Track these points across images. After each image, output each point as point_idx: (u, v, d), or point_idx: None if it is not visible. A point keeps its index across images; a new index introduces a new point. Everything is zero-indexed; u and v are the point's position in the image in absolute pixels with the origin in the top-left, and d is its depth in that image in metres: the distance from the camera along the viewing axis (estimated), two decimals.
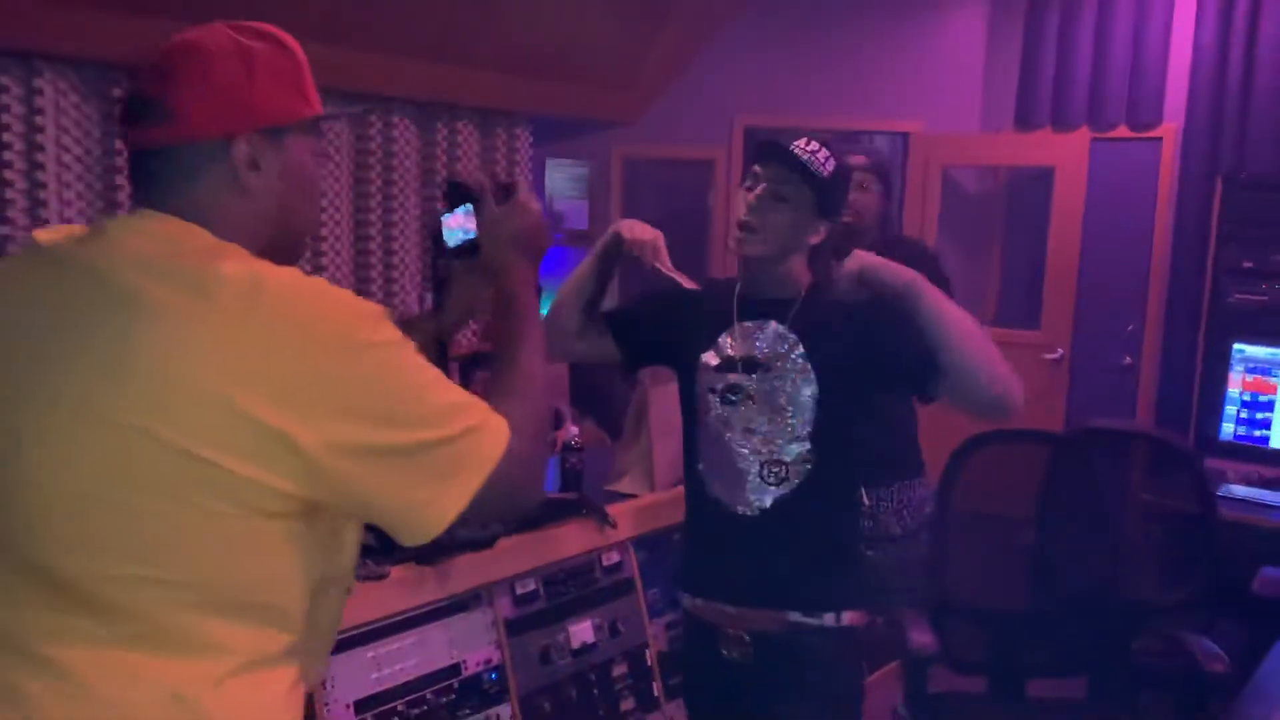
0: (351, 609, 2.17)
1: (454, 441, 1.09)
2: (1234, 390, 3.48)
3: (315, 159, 1.23)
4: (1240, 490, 3.20)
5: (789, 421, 1.92)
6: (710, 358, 2.03)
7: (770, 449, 1.93)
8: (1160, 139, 5.00)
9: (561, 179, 5.73)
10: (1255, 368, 3.44)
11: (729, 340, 2.01)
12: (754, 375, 1.95)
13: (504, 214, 1.41)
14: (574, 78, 5.09)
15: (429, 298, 5.14)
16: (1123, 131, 5.07)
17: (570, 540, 2.56)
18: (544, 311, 1.51)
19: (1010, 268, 5.62)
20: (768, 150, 1.91)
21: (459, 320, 1.60)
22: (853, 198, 2.95)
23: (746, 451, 1.96)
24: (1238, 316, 4.48)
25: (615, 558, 2.66)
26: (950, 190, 5.54)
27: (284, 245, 1.20)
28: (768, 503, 1.93)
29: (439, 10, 4.30)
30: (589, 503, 2.64)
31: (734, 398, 1.97)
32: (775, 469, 1.92)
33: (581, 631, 2.55)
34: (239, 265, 1.06)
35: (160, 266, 1.05)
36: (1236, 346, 3.51)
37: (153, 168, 1.14)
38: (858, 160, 3.05)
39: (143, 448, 1.01)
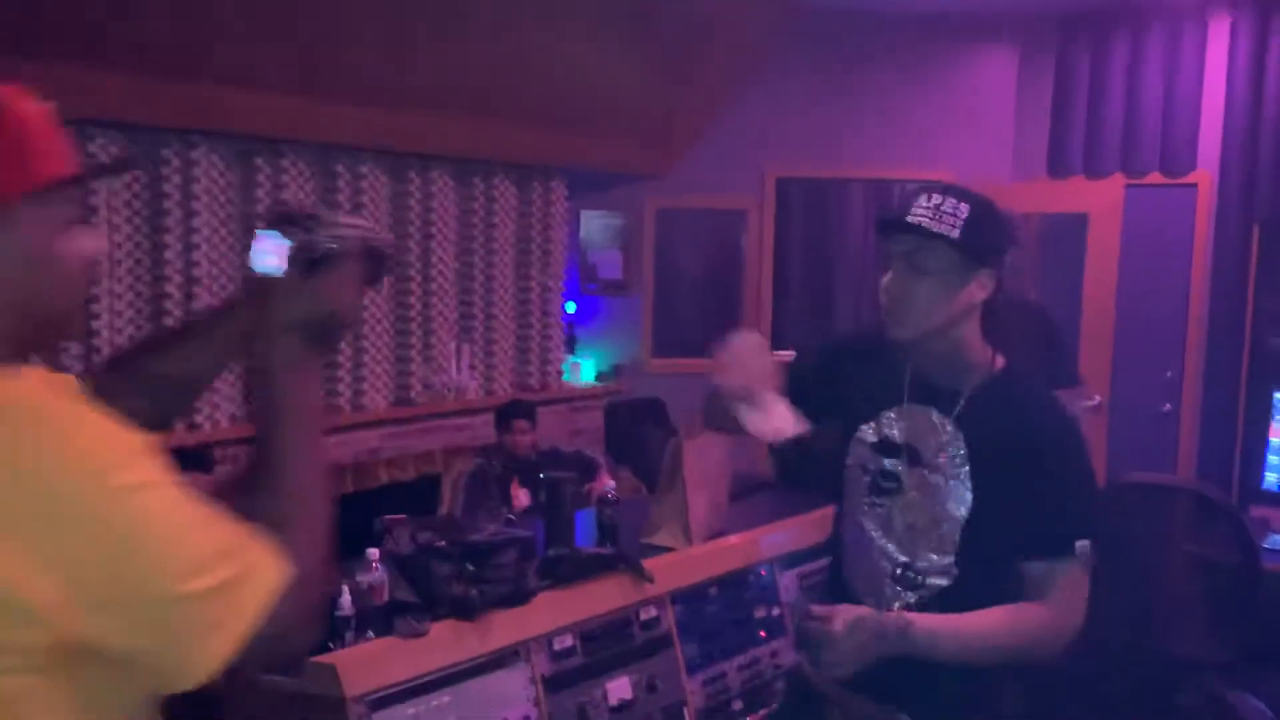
0: (392, 666, 2.20)
1: (214, 594, 0.96)
2: (1276, 439, 3.44)
3: (64, 230, 1.03)
4: None
5: (939, 532, 1.72)
6: (868, 433, 1.81)
7: (913, 554, 1.74)
8: (1195, 185, 4.99)
9: (596, 230, 5.80)
10: None
11: (893, 418, 1.79)
12: (916, 469, 1.74)
13: (310, 287, 1.14)
14: (607, 132, 5.18)
15: (466, 348, 5.18)
16: (1156, 178, 5.07)
17: (607, 595, 2.57)
18: None
19: None
20: (887, 227, 1.71)
21: (216, 364, 1.32)
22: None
23: (891, 548, 1.77)
24: (1279, 361, 4.45)
25: (653, 612, 2.66)
26: None
27: (40, 337, 1.05)
28: (896, 608, 1.73)
29: (475, 69, 4.41)
30: (625, 557, 2.65)
31: (889, 486, 1.77)
32: (913, 576, 1.74)
33: (619, 688, 2.55)
34: None
35: None
36: (1278, 395, 3.47)
37: None
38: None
39: None
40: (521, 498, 4.20)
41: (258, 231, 1.16)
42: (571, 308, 5.65)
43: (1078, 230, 5.23)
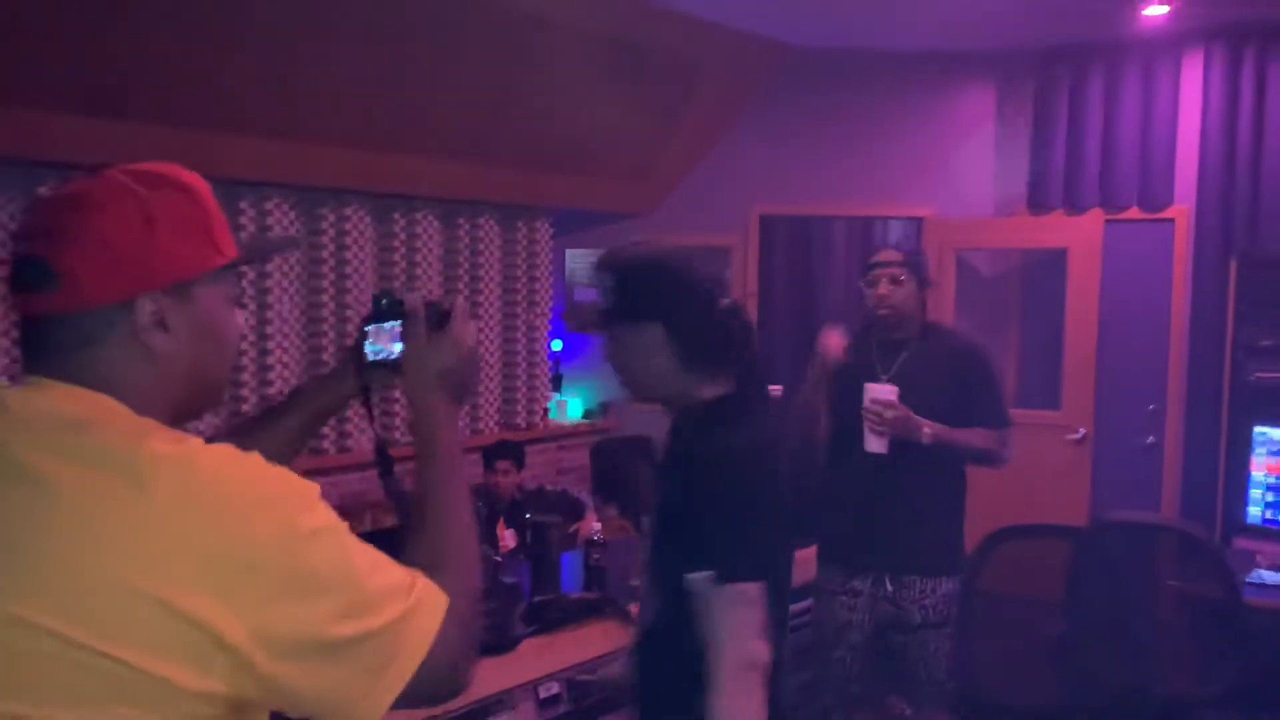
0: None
1: (388, 630, 1.00)
2: (1258, 474, 3.45)
3: (229, 307, 1.12)
4: (1270, 576, 3.16)
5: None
6: None
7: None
8: (1173, 220, 5.05)
9: (581, 269, 5.82)
10: (1279, 450, 3.42)
11: None
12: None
13: (433, 344, 1.26)
14: (592, 172, 5.21)
15: None
16: (1135, 213, 5.12)
17: (593, 641, 2.56)
18: None
19: (1029, 348, 5.63)
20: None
21: (288, 450, 1.42)
22: (886, 291, 3.02)
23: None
24: (1259, 395, 4.48)
25: None
26: (966, 273, 5.59)
27: (198, 404, 1.12)
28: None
29: (461, 112, 4.44)
30: (611, 601, 2.64)
31: None
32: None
33: None
34: (167, 446, 0.96)
35: (70, 445, 0.95)
36: (1258, 430, 3.50)
37: (45, 336, 1.01)
38: (890, 255, 3.11)
39: (28, 640, 0.90)
40: (508, 539, 4.18)
41: (366, 329, 1.32)
42: (558, 346, 5.66)
43: (1058, 265, 5.28)
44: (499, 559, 3.53)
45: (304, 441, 1.44)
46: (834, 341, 3.05)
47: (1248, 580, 3.18)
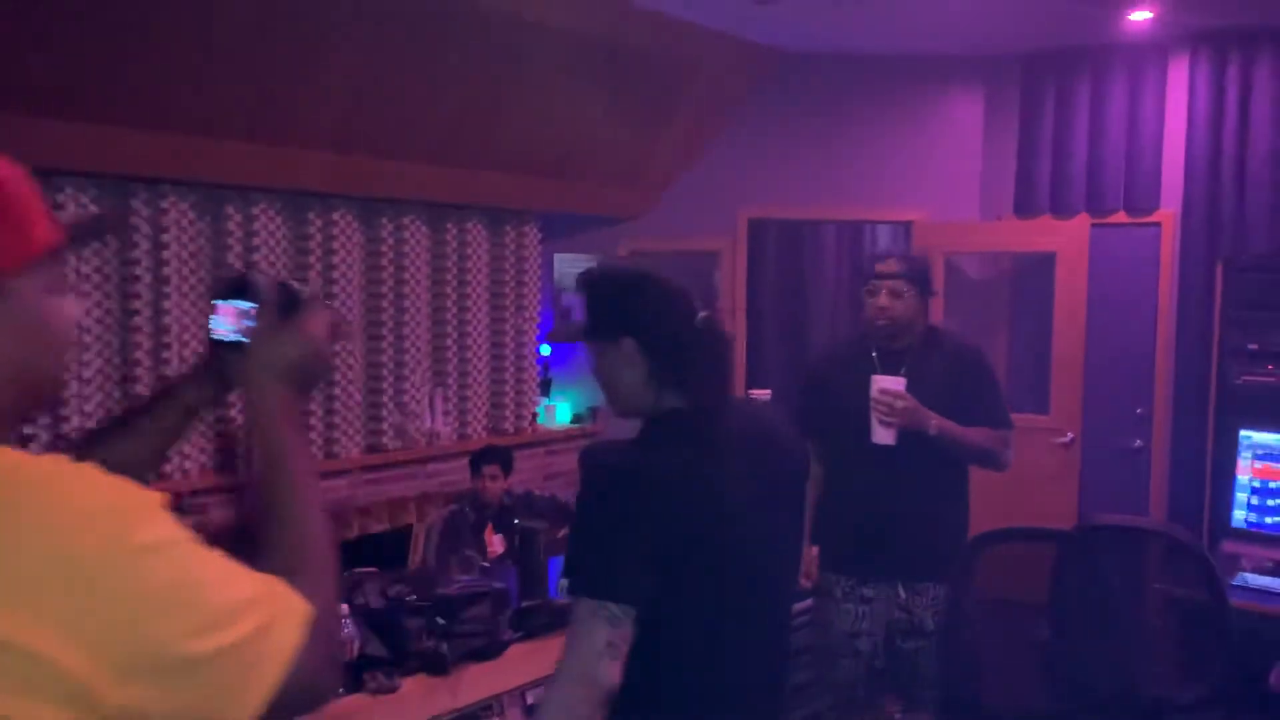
0: None
1: (243, 645, 0.95)
2: (1243, 477, 3.47)
3: (53, 297, 1.03)
4: (1254, 580, 3.18)
5: None
6: None
7: None
8: (1159, 224, 5.07)
9: (569, 273, 5.81)
10: (1264, 454, 3.44)
11: None
12: None
13: (279, 331, 1.20)
14: (581, 176, 5.21)
15: (440, 393, 5.17)
16: (1121, 217, 5.14)
17: None
18: None
19: (1017, 352, 5.65)
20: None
21: (162, 446, 1.37)
22: (886, 304, 3.01)
23: None
24: (1245, 398, 4.49)
25: None
26: (955, 277, 5.60)
27: (29, 404, 1.05)
28: None
29: (447, 116, 4.43)
30: None
31: None
32: None
33: None
34: None
35: None
36: (1244, 433, 3.51)
37: None
38: (890, 266, 3.10)
39: None
40: (496, 544, 4.17)
41: (216, 303, 1.20)
42: (546, 350, 5.65)
43: (1046, 269, 5.30)
44: (486, 564, 3.53)
45: (174, 441, 1.36)
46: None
47: (1233, 583, 3.20)
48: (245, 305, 1.20)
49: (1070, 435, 5.20)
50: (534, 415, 5.45)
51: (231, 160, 3.94)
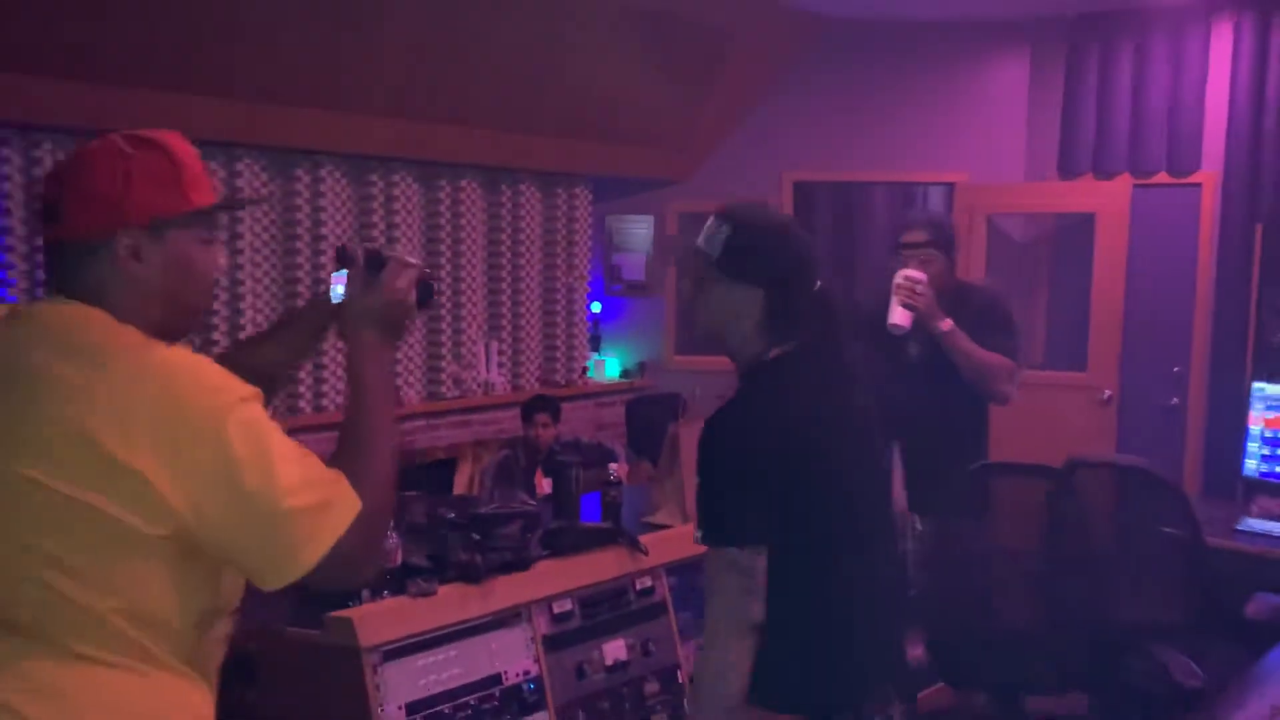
0: (404, 621, 2.46)
1: (301, 515, 1.22)
2: (1255, 427, 3.58)
3: (201, 247, 1.36)
4: (1257, 524, 3.31)
5: None
6: None
7: None
8: (1200, 185, 5.12)
9: (621, 234, 6.05)
10: (1276, 405, 3.54)
11: None
12: None
13: (365, 286, 1.46)
14: (630, 140, 5.43)
15: (494, 346, 5.46)
16: (1163, 178, 5.20)
17: (605, 565, 2.80)
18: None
19: (1057, 311, 5.74)
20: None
21: (288, 359, 1.71)
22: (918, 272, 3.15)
23: None
24: None
25: (648, 582, 2.89)
26: (997, 237, 5.70)
27: (174, 325, 1.35)
28: None
29: (502, 83, 4.68)
30: (622, 531, 2.88)
31: None
32: None
33: (615, 649, 2.78)
34: (130, 341, 1.25)
35: (64, 345, 1.24)
36: (1256, 385, 3.62)
37: (55, 260, 1.33)
38: (917, 236, 3.24)
39: (33, 493, 1.19)
40: (545, 486, 4.45)
41: (334, 275, 1.51)
42: (597, 308, 5.91)
43: (1087, 229, 5.37)
44: (534, 504, 3.81)
45: (300, 357, 1.72)
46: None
47: (1236, 527, 3.34)
48: (343, 272, 1.49)
49: (1108, 392, 5.30)
50: (584, 369, 5.71)
51: (298, 127, 4.24)
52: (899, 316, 3.08)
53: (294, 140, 4.31)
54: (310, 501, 1.23)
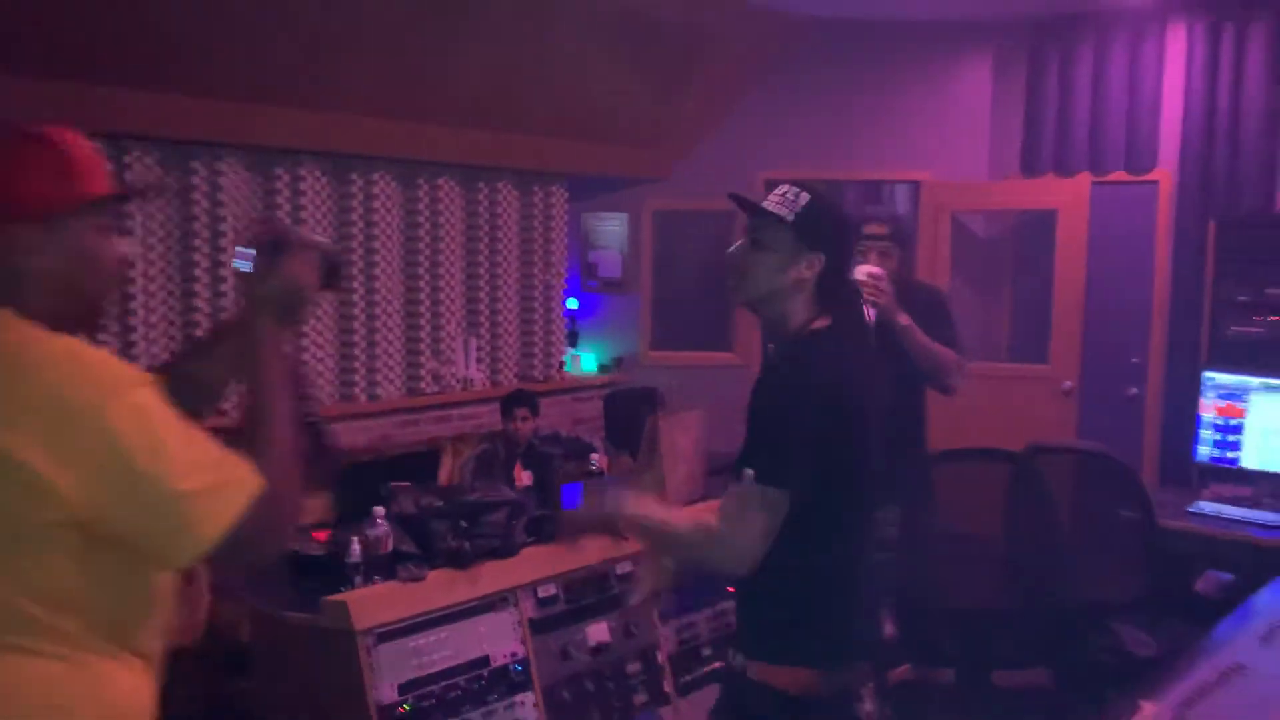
0: (395, 605, 2.56)
1: (201, 495, 1.24)
2: (1207, 415, 3.74)
3: (100, 237, 1.36)
4: (1208, 506, 3.47)
5: None
6: None
7: None
8: (1156, 182, 5.29)
9: (597, 231, 6.15)
10: (1225, 394, 3.71)
11: None
12: None
13: (264, 271, 1.47)
14: (607, 139, 5.53)
15: (473, 343, 5.53)
16: (1121, 176, 5.37)
17: (587, 551, 2.92)
18: None
19: (1020, 305, 5.91)
20: (736, 204, 2.01)
21: (225, 373, 1.61)
22: (877, 265, 3.28)
23: None
24: (1235, 347, 4.74)
25: (629, 568, 3.01)
26: (962, 234, 5.86)
27: (78, 315, 1.37)
28: None
29: (479, 82, 4.77)
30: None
31: None
32: None
33: (598, 632, 2.90)
34: (16, 338, 1.25)
35: None
36: (1207, 374, 3.78)
37: None
38: (877, 229, 3.38)
39: None
40: (524, 479, 4.54)
41: (236, 248, 1.53)
42: (574, 304, 6.01)
43: (1049, 226, 5.54)
44: (517, 493, 3.91)
45: (236, 369, 1.56)
46: None
47: (1188, 509, 3.50)
48: (248, 250, 1.50)
49: (1069, 383, 5.47)
50: (561, 364, 5.82)
51: (280, 126, 4.31)
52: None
53: (274, 139, 4.38)
54: (204, 483, 1.25)
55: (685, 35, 5.22)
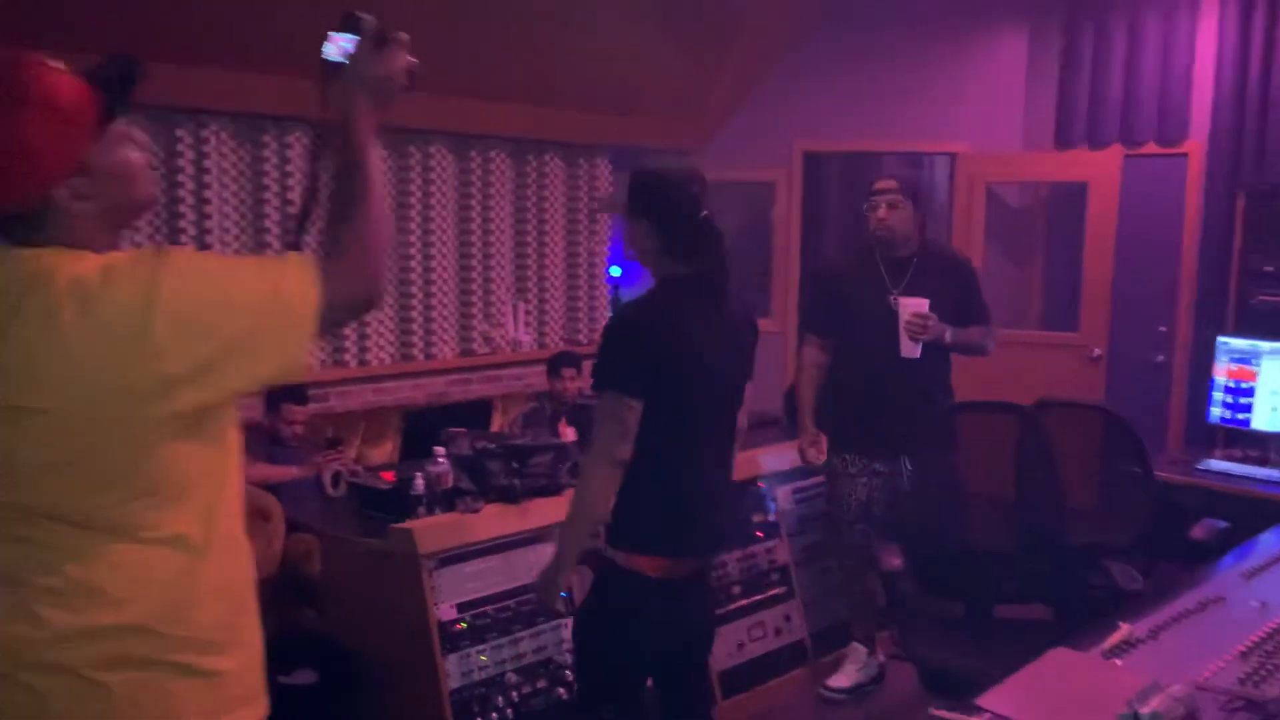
0: (454, 534, 2.86)
1: (280, 278, 1.35)
2: (1220, 378, 3.91)
3: (118, 151, 1.41)
4: (1216, 464, 3.65)
5: None
6: None
7: None
8: (1186, 155, 5.40)
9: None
10: (1238, 358, 3.87)
11: None
12: None
13: (369, 56, 1.54)
14: (647, 111, 5.75)
15: (521, 307, 5.82)
16: (1152, 148, 5.48)
17: None
18: None
19: (1052, 275, 6.06)
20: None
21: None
22: (885, 215, 3.52)
23: None
24: (1261, 316, 4.88)
25: None
26: (996, 205, 6.01)
27: (129, 216, 1.48)
28: None
29: (525, 59, 5.01)
30: None
31: None
32: None
33: None
34: (80, 268, 1.31)
35: (40, 292, 1.29)
36: (1220, 339, 3.95)
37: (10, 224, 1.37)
38: (886, 183, 3.60)
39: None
40: (568, 434, 4.83)
41: (330, 33, 1.57)
42: (616, 271, 6.26)
43: (1080, 197, 5.68)
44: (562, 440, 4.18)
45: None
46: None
47: (1197, 466, 3.69)
48: (351, 37, 1.56)
49: (1098, 351, 5.63)
50: None
51: None
52: (910, 350, 3.44)
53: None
54: (275, 272, 1.36)
55: (722, 8, 5.40)
